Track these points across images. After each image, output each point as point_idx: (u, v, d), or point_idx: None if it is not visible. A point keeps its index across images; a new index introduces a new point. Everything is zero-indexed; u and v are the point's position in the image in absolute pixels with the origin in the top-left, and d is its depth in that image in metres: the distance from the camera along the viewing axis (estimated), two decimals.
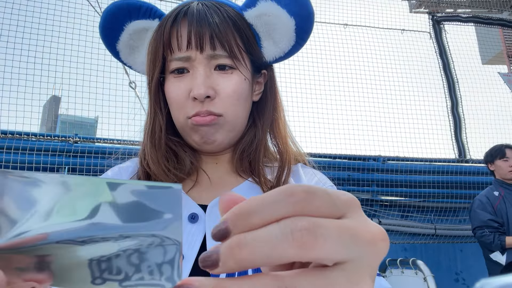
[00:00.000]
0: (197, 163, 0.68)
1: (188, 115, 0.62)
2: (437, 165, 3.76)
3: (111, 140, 3.15)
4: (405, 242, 3.48)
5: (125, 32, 0.69)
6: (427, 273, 2.47)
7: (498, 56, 5.50)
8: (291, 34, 0.66)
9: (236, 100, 0.63)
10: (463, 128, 4.06)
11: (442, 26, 4.39)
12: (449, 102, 4.16)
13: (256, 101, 0.70)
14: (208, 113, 0.61)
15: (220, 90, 0.62)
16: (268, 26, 0.66)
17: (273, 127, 0.71)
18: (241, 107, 0.64)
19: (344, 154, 3.64)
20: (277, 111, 0.72)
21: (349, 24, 4.18)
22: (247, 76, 0.65)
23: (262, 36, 0.68)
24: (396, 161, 3.74)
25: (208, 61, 0.62)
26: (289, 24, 0.65)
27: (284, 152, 0.69)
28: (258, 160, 0.67)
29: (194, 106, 0.61)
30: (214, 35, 0.60)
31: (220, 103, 0.62)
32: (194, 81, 0.61)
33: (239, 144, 0.68)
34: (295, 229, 0.20)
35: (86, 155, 2.94)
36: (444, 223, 3.59)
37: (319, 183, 0.68)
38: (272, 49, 0.68)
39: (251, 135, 0.68)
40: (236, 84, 0.62)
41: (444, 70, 4.23)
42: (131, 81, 3.06)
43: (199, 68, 0.61)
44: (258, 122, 0.69)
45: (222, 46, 0.61)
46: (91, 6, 3.08)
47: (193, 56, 0.61)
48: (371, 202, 3.52)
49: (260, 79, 0.71)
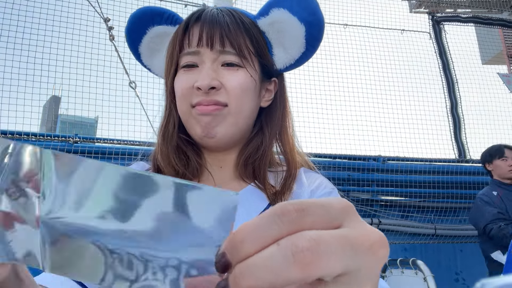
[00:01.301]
0: (202, 165, 0.69)
1: (192, 103, 0.63)
2: (437, 165, 3.76)
3: (111, 140, 3.15)
4: (405, 242, 3.48)
5: (147, 36, 0.74)
6: (427, 273, 2.47)
7: (498, 56, 5.50)
8: (301, 40, 0.68)
9: (241, 92, 0.64)
10: (463, 128, 4.06)
11: (442, 26, 4.38)
12: (448, 102, 4.16)
13: (265, 107, 0.72)
14: (213, 102, 0.63)
15: (226, 83, 0.64)
16: (280, 33, 0.69)
17: (281, 136, 0.72)
18: (246, 102, 0.65)
19: (344, 154, 3.64)
20: (285, 119, 0.74)
21: (349, 25, 4.18)
22: (254, 76, 0.66)
23: (273, 44, 0.70)
24: (396, 161, 3.74)
25: (217, 57, 0.64)
26: (299, 31, 0.67)
27: (291, 157, 0.70)
28: (263, 167, 0.68)
29: (198, 95, 0.63)
30: (224, 33, 0.63)
31: (225, 93, 0.63)
32: (200, 73, 0.64)
33: (244, 149, 0.69)
34: (296, 250, 0.19)
35: (86, 155, 2.93)
36: (444, 223, 3.59)
37: (319, 187, 0.68)
38: (282, 56, 0.70)
39: (257, 141, 0.69)
40: (241, 78, 0.64)
41: (444, 70, 4.23)
42: (131, 81, 3.06)
43: (207, 62, 0.64)
44: (265, 129, 0.71)
45: (231, 45, 0.64)
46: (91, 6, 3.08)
47: (202, 52, 0.64)
48: (371, 202, 3.52)
49: (270, 86, 0.73)
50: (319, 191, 0.68)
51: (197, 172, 0.68)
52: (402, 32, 4.28)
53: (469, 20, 4.51)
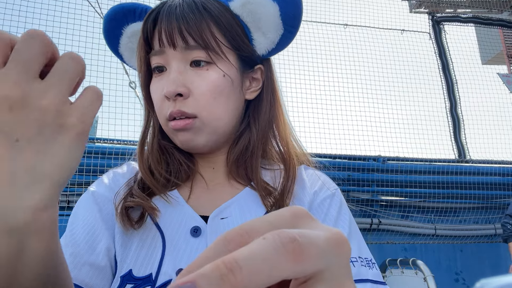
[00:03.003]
0: (193, 168, 0.65)
1: (166, 117, 0.59)
2: (437, 165, 3.76)
3: (111, 140, 3.15)
4: (405, 242, 3.48)
5: (124, 36, 0.68)
6: (427, 273, 2.47)
7: (498, 56, 5.50)
8: (277, 21, 0.61)
9: (213, 99, 0.58)
10: (463, 128, 4.06)
11: (441, 26, 4.39)
12: (448, 102, 4.16)
13: (253, 99, 0.66)
14: (180, 114, 0.57)
15: (194, 89, 0.58)
16: (254, 16, 0.61)
17: (272, 128, 0.66)
18: (221, 107, 0.59)
19: (344, 154, 3.63)
20: (275, 109, 0.67)
21: (349, 25, 4.18)
22: (229, 71, 0.60)
23: (251, 28, 0.63)
24: (396, 161, 3.74)
25: (182, 56, 0.58)
26: (272, 10, 0.60)
27: (287, 156, 0.65)
28: (255, 167, 0.63)
29: (169, 106, 0.58)
30: (184, 28, 0.56)
31: (193, 102, 0.58)
32: (167, 79, 0.58)
33: (232, 150, 0.64)
34: (285, 241, 0.18)
35: (86, 155, 2.93)
36: (444, 223, 3.59)
37: (322, 188, 0.64)
38: (262, 41, 0.63)
39: (245, 140, 0.64)
40: (212, 81, 0.58)
41: (444, 71, 4.24)
42: (131, 81, 3.06)
43: (172, 64, 0.58)
44: (252, 126, 0.64)
45: (193, 39, 0.57)
46: (91, 6, 3.08)
47: (167, 51, 0.58)
48: (371, 202, 3.52)
49: (256, 75, 0.66)
50: (322, 193, 0.63)
51: (189, 176, 0.64)
52: (402, 32, 4.28)
53: (469, 20, 4.51)
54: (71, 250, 0.55)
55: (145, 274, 0.54)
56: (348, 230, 0.59)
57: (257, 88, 0.66)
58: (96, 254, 0.55)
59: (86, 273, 0.54)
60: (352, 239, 0.58)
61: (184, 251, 0.55)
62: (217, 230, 0.57)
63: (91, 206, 0.60)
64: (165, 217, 0.59)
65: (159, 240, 0.57)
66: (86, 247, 0.55)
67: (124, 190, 0.61)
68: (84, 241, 0.56)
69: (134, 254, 0.56)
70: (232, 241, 0.20)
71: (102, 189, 0.63)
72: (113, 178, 0.66)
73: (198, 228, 0.57)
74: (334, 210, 0.61)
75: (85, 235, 0.57)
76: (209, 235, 0.56)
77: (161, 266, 0.54)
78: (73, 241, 0.56)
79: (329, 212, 0.61)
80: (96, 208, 0.60)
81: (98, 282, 0.54)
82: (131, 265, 0.55)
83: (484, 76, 4.27)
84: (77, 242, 0.56)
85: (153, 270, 0.54)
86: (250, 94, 0.65)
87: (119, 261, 0.56)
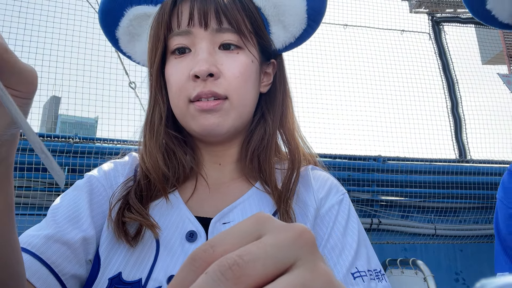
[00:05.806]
0: (197, 166, 0.62)
1: (190, 97, 0.56)
2: (437, 165, 3.76)
3: (111, 140, 3.15)
4: (405, 242, 3.48)
5: (125, 18, 0.64)
6: (427, 273, 2.47)
7: (498, 56, 5.50)
8: (302, 16, 0.60)
9: (244, 82, 0.56)
10: (463, 128, 4.06)
11: (441, 27, 4.38)
12: (449, 102, 4.16)
13: (264, 93, 0.65)
14: (211, 94, 0.54)
15: (225, 70, 0.56)
16: (278, 9, 0.60)
17: (282, 122, 0.65)
18: (248, 92, 0.58)
19: (344, 154, 3.63)
20: (286, 104, 0.66)
21: (349, 25, 4.18)
22: (256, 58, 0.59)
23: (270, 21, 0.62)
24: (396, 161, 3.74)
25: (212, 37, 0.56)
26: (300, 5, 0.59)
27: (295, 150, 0.64)
28: (269, 159, 0.61)
29: (196, 86, 0.55)
30: (220, 9, 0.55)
31: (225, 83, 0.55)
32: (195, 59, 0.55)
33: (247, 142, 0.62)
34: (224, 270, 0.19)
35: (86, 155, 2.93)
36: (444, 223, 3.59)
37: (330, 194, 0.62)
38: (281, 35, 0.62)
39: (261, 131, 0.62)
40: (243, 64, 0.56)
41: (444, 71, 4.23)
42: (131, 81, 3.06)
43: (201, 44, 0.55)
44: (267, 116, 0.63)
45: (228, 22, 0.55)
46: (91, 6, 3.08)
47: (195, 32, 0.56)
48: (371, 202, 3.52)
49: (269, 69, 0.65)
50: (329, 199, 0.60)
51: (191, 173, 0.61)
52: (402, 32, 4.28)
53: (469, 21, 4.50)
54: (47, 231, 0.50)
55: (135, 279, 0.51)
56: (357, 240, 0.57)
57: (268, 82, 0.65)
58: (74, 235, 0.52)
59: (56, 250, 0.50)
60: (361, 250, 0.56)
61: (178, 256, 0.53)
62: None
63: (82, 187, 0.58)
64: (161, 219, 0.56)
65: (153, 243, 0.54)
66: (66, 225, 0.52)
67: (121, 192, 0.58)
68: (64, 217, 0.53)
69: (126, 256, 0.53)
70: (198, 259, 0.21)
71: (99, 175, 0.62)
72: (114, 168, 0.65)
73: (194, 233, 0.54)
74: (342, 218, 0.59)
75: (66, 211, 0.54)
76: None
77: (152, 272, 0.51)
78: (54, 218, 0.53)
79: (337, 221, 0.58)
80: (87, 191, 0.57)
81: (66, 264, 0.50)
82: (121, 267, 0.52)
83: (485, 76, 4.27)
84: (57, 219, 0.53)
85: (143, 275, 0.51)
86: (264, 88, 0.65)
87: (103, 258, 0.53)
